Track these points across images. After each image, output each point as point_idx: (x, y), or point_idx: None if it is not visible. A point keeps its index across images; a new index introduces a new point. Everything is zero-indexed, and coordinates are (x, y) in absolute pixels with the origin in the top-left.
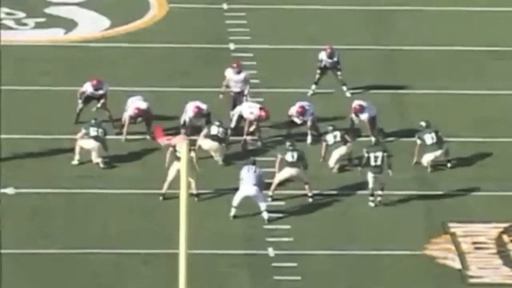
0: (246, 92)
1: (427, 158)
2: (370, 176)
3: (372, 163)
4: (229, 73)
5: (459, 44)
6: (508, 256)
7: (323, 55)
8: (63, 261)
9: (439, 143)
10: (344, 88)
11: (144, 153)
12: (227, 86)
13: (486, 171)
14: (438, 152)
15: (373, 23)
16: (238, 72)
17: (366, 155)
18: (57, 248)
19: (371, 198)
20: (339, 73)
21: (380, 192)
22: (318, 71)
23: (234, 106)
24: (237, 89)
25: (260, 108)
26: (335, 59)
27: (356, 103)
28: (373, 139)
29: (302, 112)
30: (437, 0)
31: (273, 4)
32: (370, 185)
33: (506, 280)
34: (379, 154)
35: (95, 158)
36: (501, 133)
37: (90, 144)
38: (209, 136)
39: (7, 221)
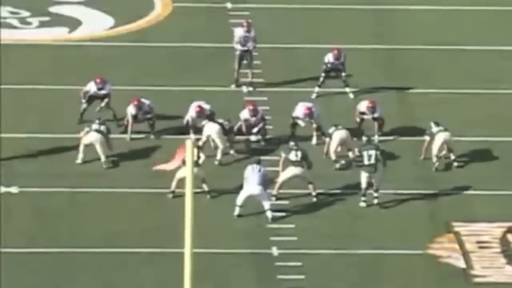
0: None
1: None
2: (363, 176)
3: (366, 162)
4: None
5: (462, 43)
6: None
7: (329, 57)
8: (67, 261)
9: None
10: (347, 89)
11: (148, 152)
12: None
13: (490, 170)
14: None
15: (375, 22)
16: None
17: (359, 154)
18: (61, 247)
19: (362, 199)
20: (343, 74)
21: (375, 194)
22: (323, 74)
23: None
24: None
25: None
26: (342, 60)
27: (369, 101)
28: (364, 138)
29: (309, 114)
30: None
31: (277, 4)
32: (363, 185)
33: (511, 280)
34: (372, 152)
35: (100, 152)
36: (505, 132)
37: (93, 137)
38: None
39: (11, 220)
